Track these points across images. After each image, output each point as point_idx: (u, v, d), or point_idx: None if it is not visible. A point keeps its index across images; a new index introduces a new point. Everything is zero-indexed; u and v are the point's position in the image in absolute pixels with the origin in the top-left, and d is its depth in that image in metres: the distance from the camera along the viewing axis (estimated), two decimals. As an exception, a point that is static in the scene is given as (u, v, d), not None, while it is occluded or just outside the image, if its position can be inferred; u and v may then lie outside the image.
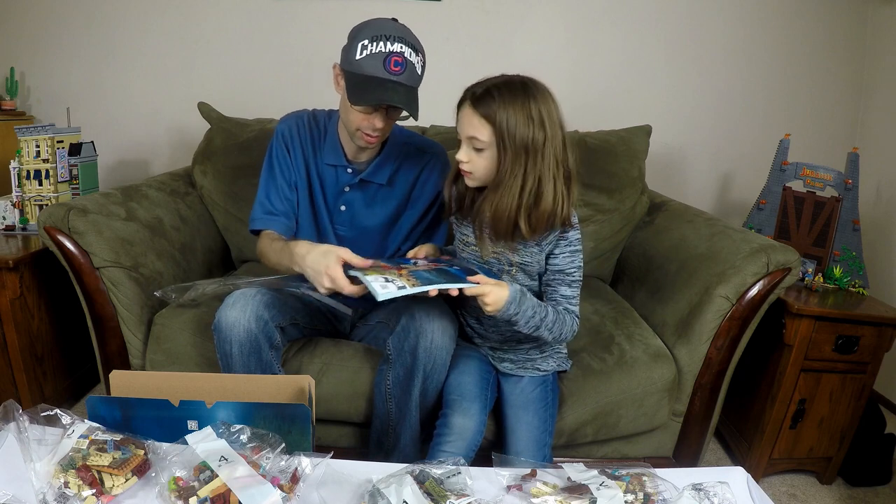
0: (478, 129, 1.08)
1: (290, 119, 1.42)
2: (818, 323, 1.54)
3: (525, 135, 1.06)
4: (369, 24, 1.22)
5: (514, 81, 1.08)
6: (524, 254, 1.17)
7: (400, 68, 1.18)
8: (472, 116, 1.08)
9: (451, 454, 1.12)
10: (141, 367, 1.48)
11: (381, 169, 1.38)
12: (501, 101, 1.06)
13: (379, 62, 1.17)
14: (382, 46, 1.17)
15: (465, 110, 1.10)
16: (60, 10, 2.28)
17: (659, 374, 1.42)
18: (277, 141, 1.40)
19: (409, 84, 1.20)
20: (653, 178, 2.13)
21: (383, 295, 1.00)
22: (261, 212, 1.38)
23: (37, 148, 1.83)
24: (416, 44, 1.22)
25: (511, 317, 1.10)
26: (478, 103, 1.07)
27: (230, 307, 1.19)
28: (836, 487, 1.70)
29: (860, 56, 2.32)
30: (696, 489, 0.90)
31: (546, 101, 1.08)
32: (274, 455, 0.85)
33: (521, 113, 1.05)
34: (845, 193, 1.85)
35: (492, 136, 1.07)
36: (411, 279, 1.05)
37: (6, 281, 1.55)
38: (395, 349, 1.24)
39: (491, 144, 1.08)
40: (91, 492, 0.80)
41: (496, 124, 1.06)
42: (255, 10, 2.28)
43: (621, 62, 2.33)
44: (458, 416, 1.18)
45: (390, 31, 1.19)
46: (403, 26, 1.24)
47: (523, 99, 1.06)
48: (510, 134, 1.05)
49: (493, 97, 1.06)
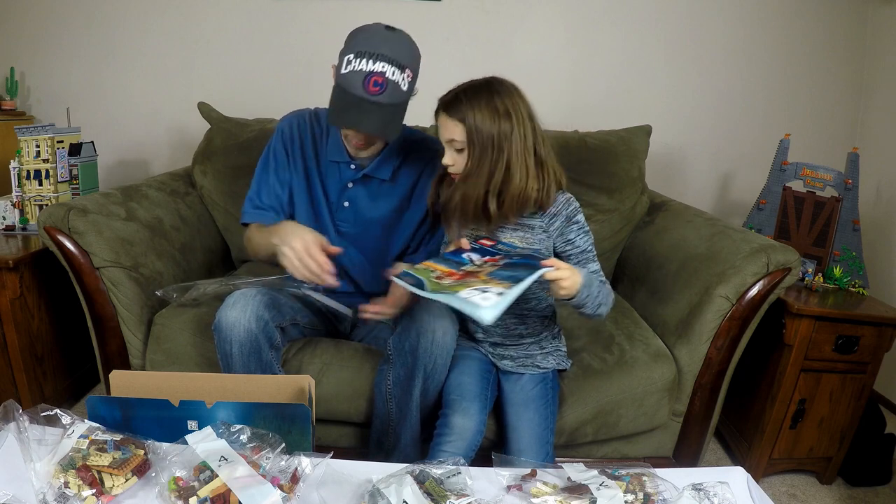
0: (453, 132, 1.15)
1: (292, 117, 1.43)
2: (818, 323, 1.54)
3: (491, 128, 1.13)
4: (360, 33, 1.22)
5: (477, 83, 1.17)
6: (532, 241, 1.23)
7: (379, 88, 1.17)
8: (447, 121, 1.16)
9: (451, 454, 1.12)
10: (141, 367, 1.48)
11: (384, 164, 1.39)
12: (468, 102, 1.14)
13: (359, 81, 1.17)
14: (364, 64, 1.16)
15: (441, 117, 1.18)
16: (60, 10, 2.29)
17: (659, 373, 1.42)
18: (277, 138, 1.41)
19: (390, 102, 1.20)
20: (653, 178, 2.13)
21: (491, 311, 0.88)
22: (250, 206, 1.41)
23: (37, 148, 1.83)
24: (404, 59, 1.19)
25: (582, 299, 1.13)
26: (449, 108, 1.16)
27: (230, 307, 1.19)
28: (836, 487, 1.70)
29: (860, 56, 2.32)
30: (696, 489, 0.90)
31: (511, 95, 1.16)
32: (274, 455, 0.85)
33: (487, 108, 1.13)
34: (845, 193, 1.85)
35: (464, 134, 1.14)
36: (495, 280, 0.97)
37: (6, 281, 1.55)
38: (395, 349, 1.24)
39: (465, 142, 1.15)
40: (91, 492, 0.80)
41: (467, 123, 1.14)
42: (255, 10, 2.28)
43: (621, 62, 2.33)
44: (458, 416, 1.18)
45: (376, 46, 1.18)
46: (397, 37, 1.22)
47: (488, 96, 1.14)
48: (478, 129, 1.13)
49: (460, 100, 1.15)
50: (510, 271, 1.01)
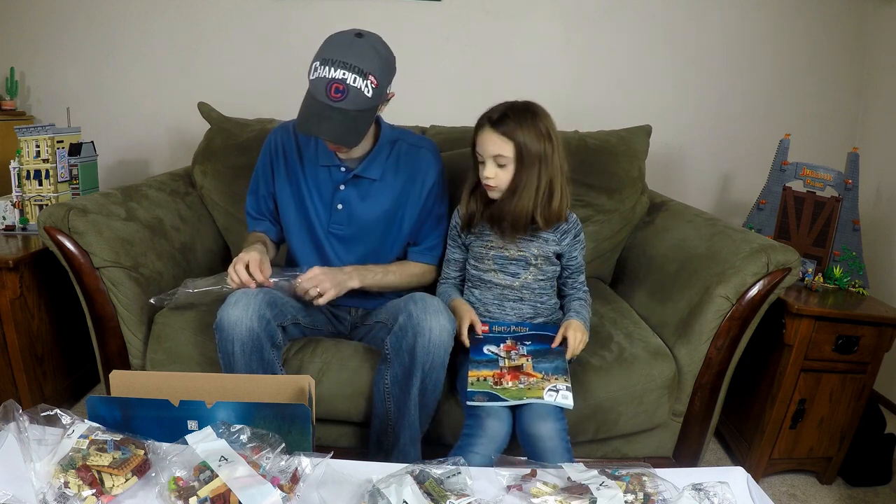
0: (502, 147, 1.27)
1: (278, 129, 1.49)
2: (818, 323, 1.54)
3: (538, 147, 1.27)
4: (329, 40, 1.25)
5: (519, 104, 1.30)
6: (546, 248, 1.39)
7: (341, 95, 1.19)
8: (494, 136, 1.27)
9: (483, 456, 1.14)
10: (141, 367, 1.48)
11: (373, 164, 1.41)
12: (517, 121, 1.26)
13: (321, 88, 1.19)
14: (327, 72, 1.19)
15: (487, 133, 1.28)
16: (60, 10, 2.28)
17: (658, 371, 1.42)
18: (263, 153, 1.49)
19: (352, 108, 1.21)
20: (653, 178, 2.13)
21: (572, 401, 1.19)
22: (248, 218, 1.54)
23: (37, 148, 1.83)
24: (366, 66, 1.20)
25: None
26: (497, 125, 1.27)
27: (232, 306, 1.19)
28: (836, 487, 1.70)
29: (860, 56, 2.32)
30: (696, 489, 0.90)
31: (548, 118, 1.30)
32: (274, 455, 0.85)
33: (533, 129, 1.27)
34: (845, 193, 1.85)
35: (513, 151, 1.26)
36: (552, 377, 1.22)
37: (6, 281, 1.55)
38: (392, 349, 1.24)
39: (512, 159, 1.27)
40: (91, 492, 0.80)
41: (516, 141, 1.26)
42: (255, 10, 2.28)
43: (621, 62, 2.33)
44: (490, 419, 1.19)
45: (340, 53, 1.19)
46: (363, 43, 1.21)
47: (532, 117, 1.27)
48: (527, 148, 1.26)
49: (509, 118, 1.27)
50: (548, 362, 1.26)
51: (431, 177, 1.44)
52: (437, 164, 1.46)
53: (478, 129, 1.31)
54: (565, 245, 1.39)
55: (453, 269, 1.49)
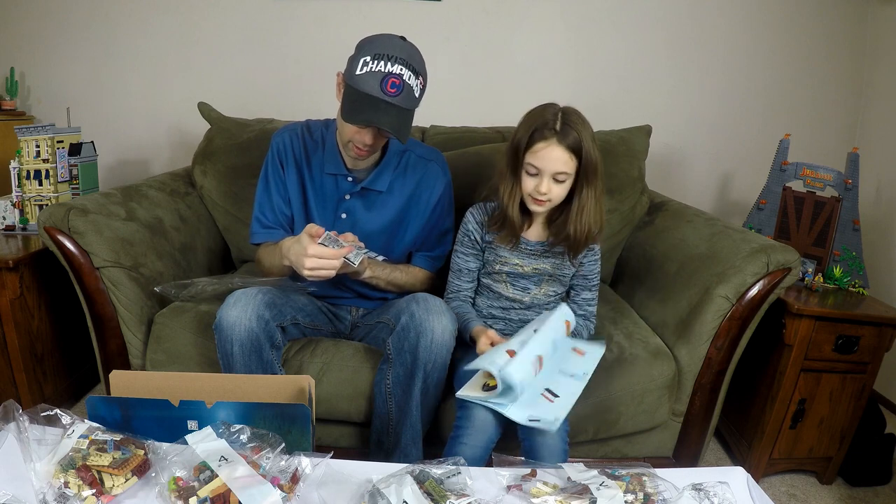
0: (567, 164, 1.17)
1: (284, 132, 1.45)
2: (818, 323, 1.54)
3: (596, 158, 1.18)
4: (376, 39, 1.22)
5: (569, 109, 1.20)
6: (562, 266, 1.32)
7: (396, 90, 1.18)
8: (562, 152, 1.16)
9: (472, 447, 1.13)
10: (141, 367, 1.48)
11: (381, 177, 1.40)
12: (578, 131, 1.16)
13: (377, 81, 1.17)
14: (382, 66, 1.17)
15: (552, 147, 1.16)
16: (60, 10, 2.28)
17: (658, 370, 1.42)
18: (272, 155, 1.43)
19: (404, 106, 1.20)
20: (653, 178, 2.13)
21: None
22: (258, 226, 1.44)
23: (37, 148, 1.83)
24: (418, 67, 1.21)
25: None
26: (564, 138, 1.16)
27: (231, 306, 1.19)
28: (836, 487, 1.70)
29: (860, 56, 2.32)
30: (696, 489, 0.90)
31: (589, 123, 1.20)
32: (274, 455, 0.85)
33: (591, 137, 1.18)
34: (845, 193, 1.85)
35: (577, 166, 1.18)
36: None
37: (6, 281, 1.55)
38: (395, 349, 1.24)
39: (573, 174, 1.19)
40: (91, 492, 0.80)
41: (582, 154, 1.17)
42: (255, 10, 2.28)
43: (621, 62, 2.33)
44: (479, 410, 1.16)
45: (394, 50, 1.19)
46: (411, 46, 1.23)
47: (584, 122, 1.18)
48: (589, 160, 1.17)
49: (572, 128, 1.16)
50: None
51: (438, 190, 1.43)
52: (445, 177, 1.45)
53: (536, 140, 1.17)
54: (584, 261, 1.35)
55: (466, 280, 1.39)
